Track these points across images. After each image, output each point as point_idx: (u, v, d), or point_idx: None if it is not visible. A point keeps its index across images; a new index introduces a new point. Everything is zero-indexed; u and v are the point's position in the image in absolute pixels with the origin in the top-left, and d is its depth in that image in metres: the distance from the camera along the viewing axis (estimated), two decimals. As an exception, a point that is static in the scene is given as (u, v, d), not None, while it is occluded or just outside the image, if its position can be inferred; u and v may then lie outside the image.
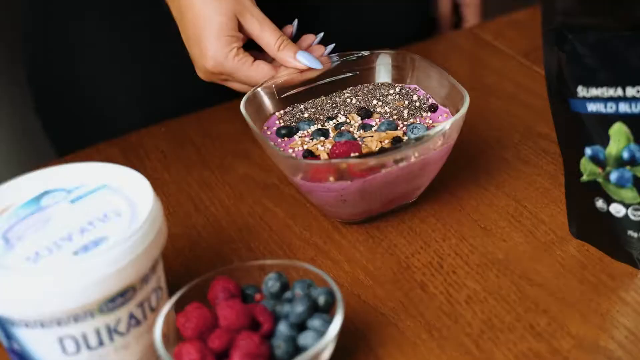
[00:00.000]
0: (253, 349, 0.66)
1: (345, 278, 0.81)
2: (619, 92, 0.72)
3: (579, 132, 0.75)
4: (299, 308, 0.69)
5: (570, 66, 0.74)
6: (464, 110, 0.81)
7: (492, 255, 0.82)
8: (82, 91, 1.11)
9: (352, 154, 0.81)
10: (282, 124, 0.90)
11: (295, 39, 0.94)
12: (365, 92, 0.92)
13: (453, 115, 0.85)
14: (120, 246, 0.65)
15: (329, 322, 0.68)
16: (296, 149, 0.86)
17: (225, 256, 0.85)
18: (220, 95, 1.03)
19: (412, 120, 0.88)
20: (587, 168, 0.76)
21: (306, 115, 0.90)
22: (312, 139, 0.86)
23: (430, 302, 0.77)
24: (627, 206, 0.75)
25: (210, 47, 0.87)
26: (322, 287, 0.71)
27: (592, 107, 0.73)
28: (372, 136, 0.85)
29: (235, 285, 0.72)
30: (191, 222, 0.91)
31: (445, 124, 0.80)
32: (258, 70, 0.89)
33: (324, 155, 0.83)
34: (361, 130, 0.87)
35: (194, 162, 1.00)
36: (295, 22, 0.94)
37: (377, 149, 0.82)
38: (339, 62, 0.92)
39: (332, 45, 0.93)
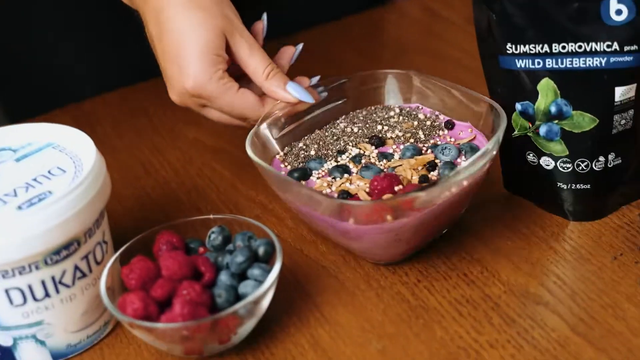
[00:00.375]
0: (194, 297, 0.68)
1: (288, 234, 0.84)
2: (546, 48, 0.75)
3: (509, 88, 0.78)
4: (239, 258, 0.71)
5: (500, 24, 0.77)
6: (503, 126, 0.75)
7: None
8: (37, 60, 1.12)
9: (412, 189, 0.72)
10: (290, 167, 0.81)
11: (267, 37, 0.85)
12: (362, 118, 0.85)
13: (476, 127, 0.81)
14: (63, 200, 0.67)
15: (268, 271, 0.71)
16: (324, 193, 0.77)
17: (173, 215, 0.87)
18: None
19: (432, 140, 0.82)
20: (518, 123, 0.79)
21: (312, 152, 0.82)
22: (334, 178, 0.79)
23: (369, 255, 0.80)
24: (556, 159, 0.79)
25: (192, 66, 0.76)
26: (262, 238, 0.74)
27: (520, 64, 0.76)
28: (401, 165, 0.78)
29: (179, 239, 0.74)
30: (141, 184, 0.93)
31: (489, 145, 0.73)
32: (243, 99, 0.78)
33: (363, 195, 0.75)
34: (384, 160, 0.80)
35: (145, 129, 1.02)
36: (265, 16, 0.84)
37: (414, 177, 0.76)
38: (326, 93, 0.84)
39: (318, 77, 0.84)
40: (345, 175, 0.78)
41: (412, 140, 0.82)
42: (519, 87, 0.77)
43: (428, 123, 0.84)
